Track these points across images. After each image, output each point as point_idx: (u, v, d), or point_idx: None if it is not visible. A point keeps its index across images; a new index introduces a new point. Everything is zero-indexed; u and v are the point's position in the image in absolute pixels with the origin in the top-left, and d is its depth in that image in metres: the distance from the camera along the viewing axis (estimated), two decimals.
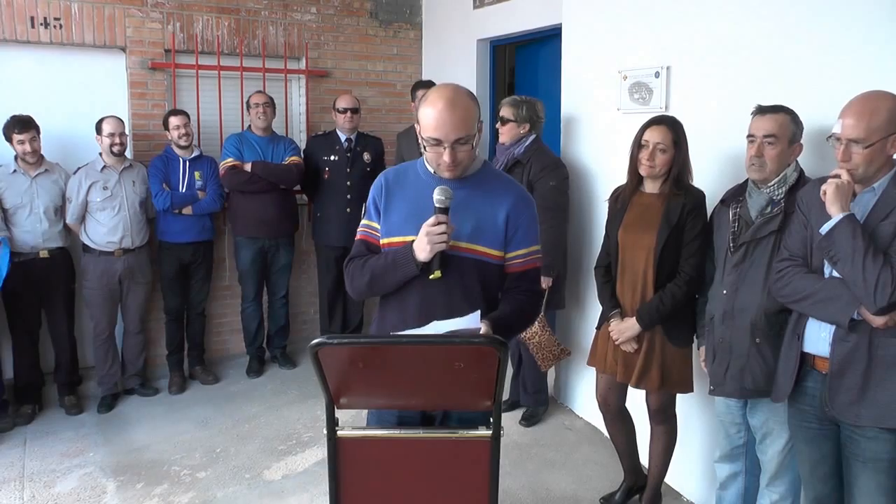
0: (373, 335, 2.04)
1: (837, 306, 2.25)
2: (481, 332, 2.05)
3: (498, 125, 4.21)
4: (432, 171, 2.26)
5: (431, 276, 2.14)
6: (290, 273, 5.41)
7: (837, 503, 2.47)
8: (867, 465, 2.29)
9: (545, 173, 4.03)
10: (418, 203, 2.22)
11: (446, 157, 2.14)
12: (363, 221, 2.38)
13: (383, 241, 2.30)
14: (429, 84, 5.00)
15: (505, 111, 4.17)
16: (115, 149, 4.53)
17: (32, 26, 4.77)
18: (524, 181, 4.02)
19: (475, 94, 5.60)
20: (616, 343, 3.20)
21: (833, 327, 2.30)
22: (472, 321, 2.04)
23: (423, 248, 2.12)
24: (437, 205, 2.12)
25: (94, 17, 4.95)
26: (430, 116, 2.13)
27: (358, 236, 2.38)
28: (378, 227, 2.32)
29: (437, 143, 2.13)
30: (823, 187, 2.27)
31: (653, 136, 3.07)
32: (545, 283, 3.97)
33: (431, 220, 2.12)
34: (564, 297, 4.32)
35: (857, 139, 2.20)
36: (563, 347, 4.12)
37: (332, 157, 5.18)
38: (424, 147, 2.19)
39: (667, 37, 3.60)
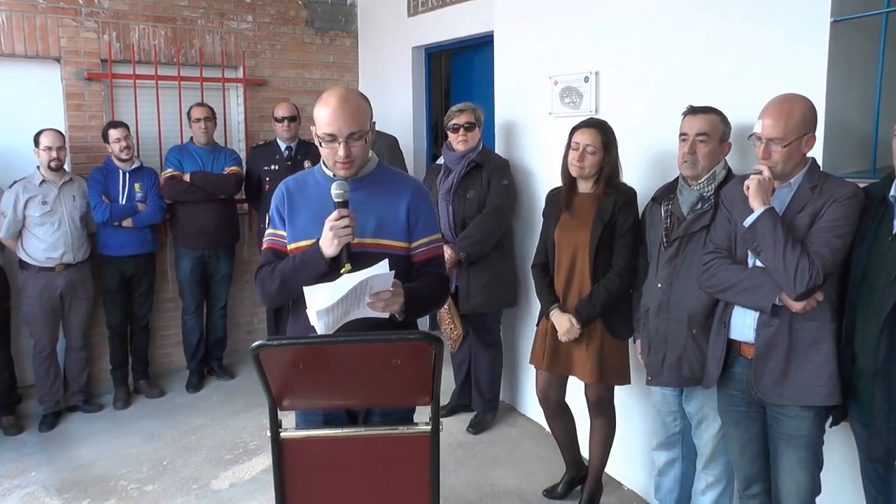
0: (312, 335, 2.06)
1: (760, 293, 2.39)
2: (391, 287, 2.11)
3: (460, 132, 4.13)
4: (331, 174, 2.33)
5: (342, 270, 2.16)
6: (231, 284, 5.38)
7: (765, 481, 2.60)
8: (790, 443, 2.43)
9: (500, 172, 4.14)
10: (320, 206, 2.28)
11: (341, 152, 2.20)
12: (268, 231, 2.41)
13: (291, 246, 2.35)
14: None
15: (469, 116, 4.13)
16: (53, 164, 4.43)
17: None
18: (484, 182, 4.10)
19: (412, 100, 5.68)
20: (560, 338, 3.27)
21: (757, 314, 2.44)
22: (381, 268, 2.08)
23: (329, 243, 2.17)
24: (336, 199, 2.18)
25: (25, 27, 4.84)
26: (324, 114, 2.20)
27: (265, 245, 2.42)
28: (284, 234, 2.36)
29: (332, 138, 2.20)
30: (746, 182, 2.40)
31: (583, 139, 3.18)
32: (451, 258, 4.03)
33: (334, 214, 2.17)
34: (517, 295, 4.36)
35: (775, 139, 2.34)
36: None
37: (273, 167, 5.15)
38: (321, 145, 2.26)
39: (595, 43, 3.71)
